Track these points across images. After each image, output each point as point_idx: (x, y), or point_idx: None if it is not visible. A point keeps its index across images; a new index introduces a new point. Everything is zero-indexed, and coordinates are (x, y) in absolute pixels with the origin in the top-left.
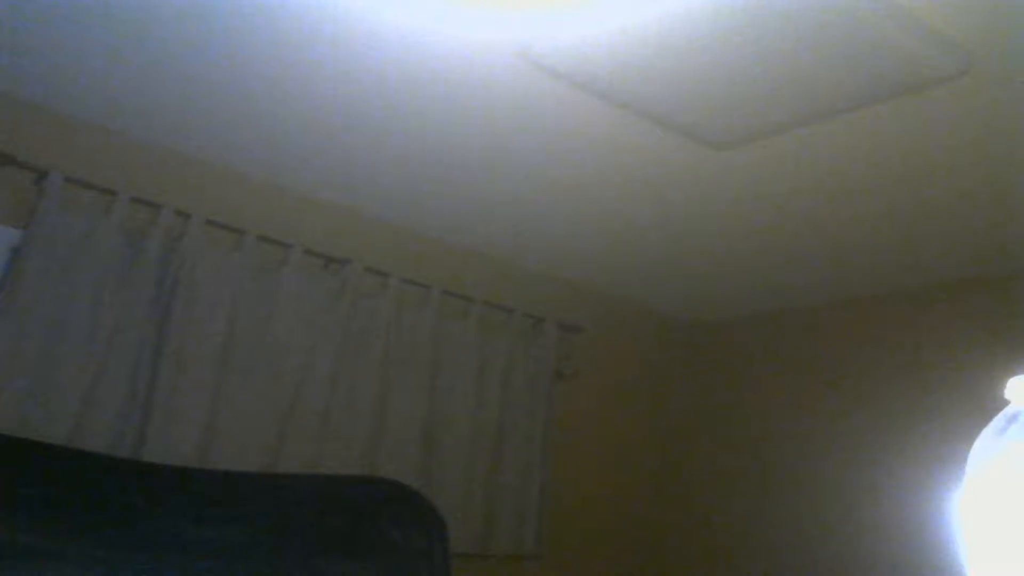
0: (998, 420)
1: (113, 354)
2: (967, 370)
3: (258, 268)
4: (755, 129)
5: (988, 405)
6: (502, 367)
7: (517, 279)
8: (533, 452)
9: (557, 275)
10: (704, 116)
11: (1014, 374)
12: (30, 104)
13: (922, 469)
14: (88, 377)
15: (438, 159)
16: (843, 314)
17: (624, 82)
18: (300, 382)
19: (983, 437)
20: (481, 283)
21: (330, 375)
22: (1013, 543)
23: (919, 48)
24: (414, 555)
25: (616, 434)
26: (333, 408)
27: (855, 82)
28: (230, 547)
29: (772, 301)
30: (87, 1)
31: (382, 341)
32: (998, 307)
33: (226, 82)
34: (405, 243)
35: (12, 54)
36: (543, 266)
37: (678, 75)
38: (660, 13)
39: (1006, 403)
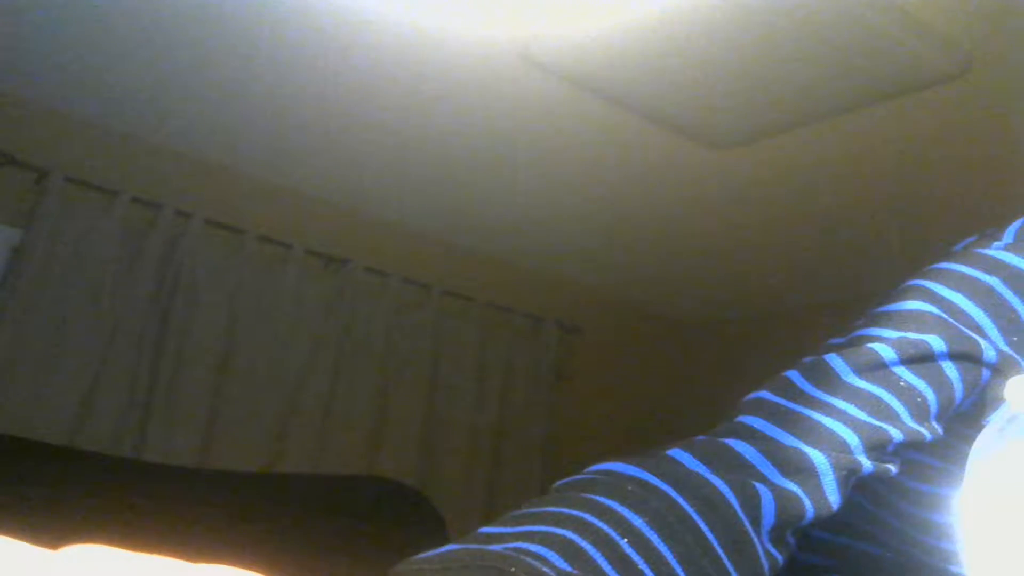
0: (998, 419)
1: (113, 354)
2: None
3: (258, 268)
4: (755, 129)
5: None
6: (502, 367)
7: (517, 279)
8: (533, 452)
9: (557, 275)
10: (704, 116)
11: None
12: (30, 104)
13: None
14: (88, 377)
15: (438, 159)
16: (844, 314)
17: (624, 82)
18: (300, 382)
19: (983, 437)
20: (481, 283)
21: (330, 375)
22: (1013, 543)
23: (919, 48)
24: (414, 555)
25: (616, 434)
26: (333, 408)
27: (855, 82)
28: (230, 547)
29: (772, 301)
30: (88, 1)
31: (382, 341)
32: None
33: (227, 82)
34: (405, 243)
35: (12, 54)
36: (543, 266)
37: (678, 75)
38: (660, 13)
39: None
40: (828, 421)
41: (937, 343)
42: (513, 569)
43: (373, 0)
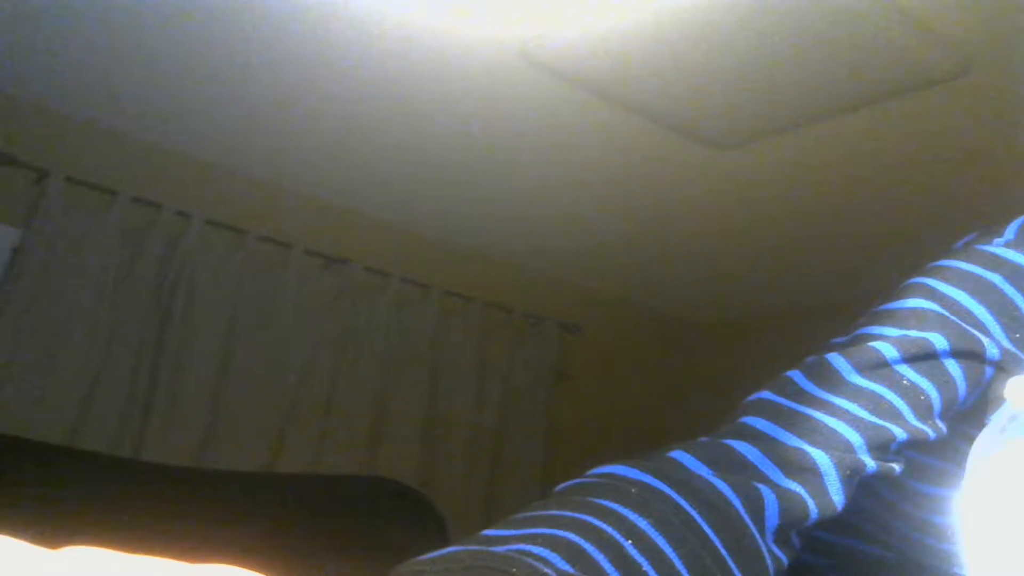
0: (998, 419)
1: (113, 354)
2: None
3: (258, 268)
4: (755, 129)
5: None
6: (502, 367)
7: (517, 279)
8: (533, 452)
9: (557, 275)
10: (704, 116)
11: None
12: (30, 104)
13: None
14: (88, 377)
15: (438, 158)
16: (845, 313)
17: (624, 82)
18: (300, 382)
19: (984, 436)
20: (481, 283)
21: (330, 375)
22: (1013, 543)
23: (919, 48)
24: (414, 555)
25: (616, 434)
26: (333, 408)
27: (855, 82)
28: (230, 547)
29: (773, 301)
30: (87, 1)
31: (382, 341)
32: None
33: (226, 82)
34: (405, 243)
35: (12, 54)
36: (543, 266)
37: (678, 75)
38: (660, 13)
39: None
40: (831, 421)
41: (939, 341)
42: (514, 570)
43: (373, 1)
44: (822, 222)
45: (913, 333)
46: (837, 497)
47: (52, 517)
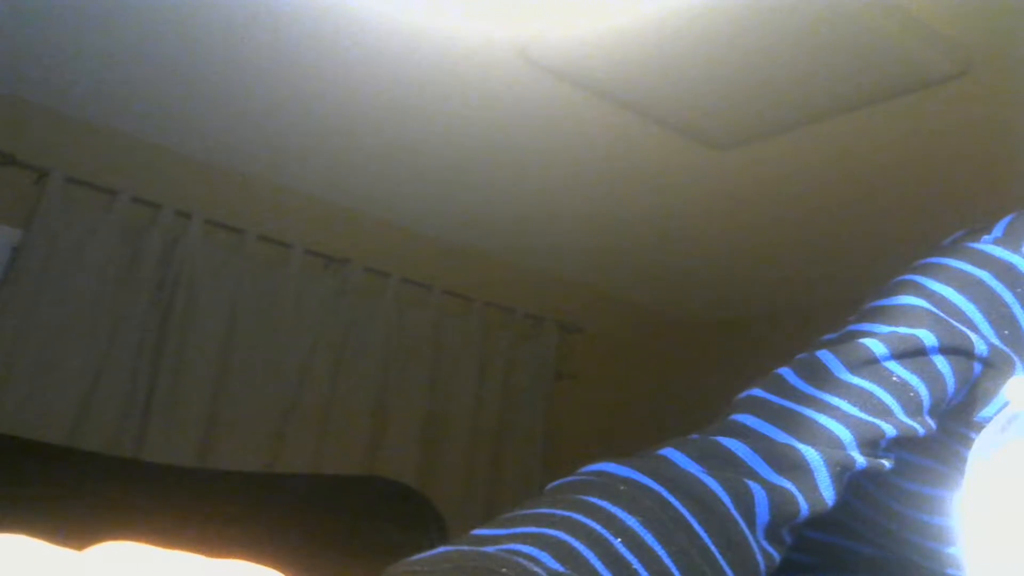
0: (998, 419)
1: (113, 354)
2: None
3: (258, 268)
4: (755, 129)
5: None
6: (502, 367)
7: (517, 279)
8: (533, 452)
9: (557, 275)
10: (704, 116)
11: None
12: (30, 104)
13: None
14: (88, 377)
15: (438, 159)
16: (844, 313)
17: (624, 82)
18: (300, 382)
19: (983, 436)
20: (481, 283)
21: (330, 375)
22: (1013, 543)
23: (919, 48)
24: (413, 555)
25: (616, 433)
26: (333, 408)
27: (855, 82)
28: (230, 547)
29: (773, 300)
30: (87, 2)
31: (382, 341)
32: None
33: (226, 82)
34: (405, 243)
35: (12, 54)
36: (543, 266)
37: (678, 75)
38: (660, 13)
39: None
40: (821, 417)
41: (928, 337)
42: (504, 569)
43: (373, 1)
44: (822, 222)
45: (903, 330)
46: (828, 493)
47: (52, 517)
